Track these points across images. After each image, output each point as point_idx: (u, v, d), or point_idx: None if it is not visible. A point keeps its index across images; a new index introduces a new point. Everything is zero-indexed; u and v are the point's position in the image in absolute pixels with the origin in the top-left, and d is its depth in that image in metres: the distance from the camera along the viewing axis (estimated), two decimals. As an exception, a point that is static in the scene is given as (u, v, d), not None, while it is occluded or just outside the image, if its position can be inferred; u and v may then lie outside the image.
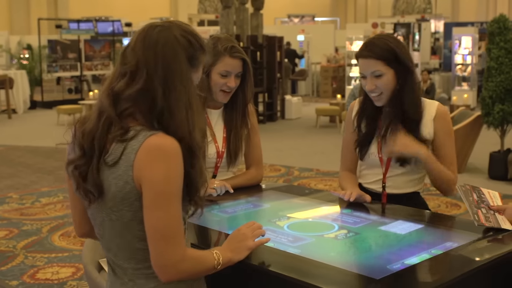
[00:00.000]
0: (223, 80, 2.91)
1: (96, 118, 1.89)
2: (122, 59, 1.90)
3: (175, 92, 1.84)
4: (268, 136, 12.00)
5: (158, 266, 1.84)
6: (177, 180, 1.81)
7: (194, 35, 1.93)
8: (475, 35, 15.75)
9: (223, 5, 14.46)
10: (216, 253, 1.96)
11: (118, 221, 1.89)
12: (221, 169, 3.04)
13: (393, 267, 2.03)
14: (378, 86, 2.76)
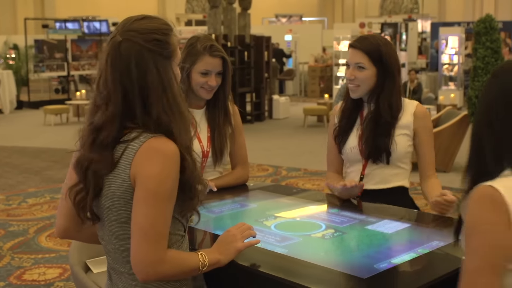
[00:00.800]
0: (203, 79, 2.92)
1: (85, 149, 1.90)
2: (96, 90, 1.90)
3: (155, 104, 1.84)
4: (256, 136, 12.00)
5: (135, 264, 1.84)
6: (170, 182, 1.82)
7: (156, 29, 1.90)
8: (461, 35, 15.82)
9: (210, 5, 14.45)
10: (202, 255, 1.96)
11: (116, 221, 1.90)
12: (207, 168, 3.05)
13: (380, 266, 2.04)
14: (357, 77, 2.86)
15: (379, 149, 2.87)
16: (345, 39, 16.21)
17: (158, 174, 1.80)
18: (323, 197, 3.05)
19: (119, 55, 1.85)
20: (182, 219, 1.96)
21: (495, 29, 9.75)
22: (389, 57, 2.85)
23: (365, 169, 2.95)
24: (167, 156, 1.81)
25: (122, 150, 1.85)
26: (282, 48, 21.30)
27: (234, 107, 3.15)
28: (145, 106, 1.85)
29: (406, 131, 2.89)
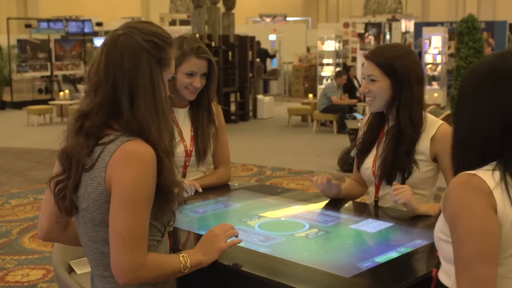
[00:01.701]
0: (188, 80, 2.92)
1: (69, 138, 1.92)
2: (87, 79, 1.93)
3: (140, 101, 1.86)
4: (240, 136, 12.00)
5: (115, 268, 1.84)
6: (146, 187, 1.82)
7: (158, 34, 1.93)
8: (444, 34, 15.90)
9: (194, 5, 14.41)
10: (184, 257, 1.96)
11: (90, 222, 1.91)
12: (190, 168, 3.04)
13: (363, 265, 2.05)
14: (371, 90, 2.75)
15: (394, 169, 2.74)
16: (329, 39, 16.25)
17: (133, 179, 1.80)
18: (307, 197, 3.06)
19: (115, 46, 1.88)
20: (158, 224, 1.95)
21: (478, 29, 9.81)
22: (404, 67, 2.70)
23: (378, 191, 2.84)
24: (143, 160, 1.81)
25: (99, 153, 1.86)
26: (266, 48, 21.30)
27: (217, 106, 3.15)
28: (132, 102, 1.86)
29: (422, 157, 2.73)
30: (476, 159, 1.70)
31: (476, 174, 1.64)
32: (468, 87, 1.74)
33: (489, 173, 1.65)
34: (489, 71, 1.71)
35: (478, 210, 1.61)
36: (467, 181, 1.63)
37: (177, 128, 3.02)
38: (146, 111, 1.85)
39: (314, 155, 10.11)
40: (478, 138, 1.69)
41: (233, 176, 3.25)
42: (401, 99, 2.72)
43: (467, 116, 1.73)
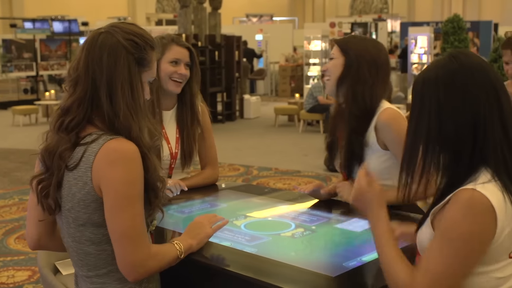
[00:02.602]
0: (173, 68, 2.93)
1: (51, 136, 1.93)
2: (67, 75, 1.94)
3: (118, 98, 1.86)
4: (227, 136, 12.00)
5: (126, 266, 1.86)
6: (137, 183, 1.84)
7: (139, 35, 1.94)
8: (430, 34, 15.95)
9: (181, 4, 14.39)
10: (177, 243, 2.01)
11: (74, 223, 1.91)
12: (175, 169, 3.04)
13: (349, 264, 2.05)
14: (328, 68, 2.80)
15: (352, 160, 2.75)
16: (316, 39, 16.25)
17: (124, 177, 1.81)
18: (293, 197, 3.06)
19: (95, 43, 1.89)
20: (147, 220, 1.96)
21: (463, 29, 9.88)
22: (358, 47, 2.72)
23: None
24: (129, 157, 1.83)
25: (82, 152, 1.86)
26: (253, 48, 21.30)
27: (203, 106, 3.14)
28: (111, 99, 1.86)
29: (374, 147, 2.71)
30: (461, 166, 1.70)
31: (477, 189, 1.63)
32: (425, 96, 1.73)
33: (489, 185, 1.65)
34: (446, 77, 1.70)
35: (473, 238, 1.62)
36: (470, 199, 1.62)
37: (162, 130, 3.02)
38: (125, 108, 1.86)
39: (300, 155, 10.13)
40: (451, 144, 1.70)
41: (220, 176, 3.25)
42: (348, 75, 2.72)
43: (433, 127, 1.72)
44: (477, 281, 1.71)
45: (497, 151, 1.67)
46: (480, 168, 1.68)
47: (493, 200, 1.62)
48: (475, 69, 1.70)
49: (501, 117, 1.68)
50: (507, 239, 1.66)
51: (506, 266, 1.71)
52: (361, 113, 2.72)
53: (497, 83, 1.70)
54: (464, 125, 1.67)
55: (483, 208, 1.62)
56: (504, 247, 1.68)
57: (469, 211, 1.62)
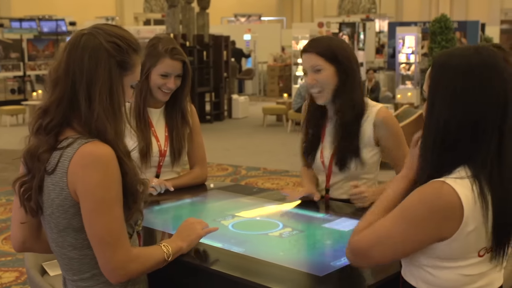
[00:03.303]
0: (162, 81, 2.92)
1: (31, 138, 1.91)
2: (48, 76, 1.92)
3: (97, 101, 1.84)
4: (215, 136, 11.99)
5: (107, 271, 1.86)
6: (114, 186, 1.82)
7: (122, 37, 1.91)
8: (418, 34, 16.01)
9: (168, 4, 14.38)
10: (165, 246, 2.00)
11: (56, 228, 1.90)
12: (165, 168, 3.04)
13: (337, 263, 2.06)
14: (318, 81, 2.73)
15: (347, 155, 2.78)
16: (304, 39, 16.29)
17: (100, 181, 1.79)
18: (281, 196, 3.06)
19: (77, 45, 1.87)
20: (127, 226, 1.93)
21: (450, 29, 9.92)
22: (344, 52, 2.73)
23: (329, 181, 2.89)
24: (104, 161, 1.80)
25: (58, 157, 1.84)
26: (241, 48, 21.30)
27: (191, 106, 3.15)
28: (90, 102, 1.84)
29: (367, 142, 2.78)
30: (444, 157, 1.72)
31: (450, 184, 1.67)
32: (441, 81, 1.74)
33: (462, 181, 1.67)
34: (465, 67, 1.70)
35: (424, 223, 1.68)
36: (434, 193, 1.67)
37: (151, 129, 3.02)
38: (101, 111, 1.84)
39: (289, 155, 10.13)
40: (448, 135, 1.71)
41: (208, 176, 3.25)
42: (345, 85, 2.74)
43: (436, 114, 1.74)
44: (446, 276, 1.75)
45: (486, 155, 1.68)
46: (461, 165, 1.70)
47: (461, 194, 1.65)
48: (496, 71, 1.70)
49: (503, 124, 1.68)
50: (474, 236, 1.69)
51: (475, 264, 1.73)
52: (357, 116, 2.78)
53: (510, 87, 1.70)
54: (466, 122, 1.68)
55: (447, 202, 1.65)
56: (471, 244, 1.70)
57: (431, 200, 1.67)
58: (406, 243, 1.72)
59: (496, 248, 1.74)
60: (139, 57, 1.96)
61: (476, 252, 1.72)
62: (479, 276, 1.76)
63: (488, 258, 1.75)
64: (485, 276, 1.77)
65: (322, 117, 2.89)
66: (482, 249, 1.73)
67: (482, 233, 1.69)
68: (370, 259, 1.78)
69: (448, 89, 1.71)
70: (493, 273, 1.79)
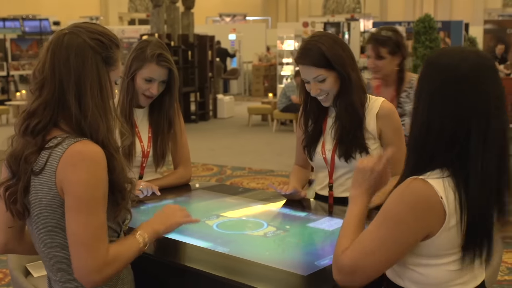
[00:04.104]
0: (146, 86, 2.90)
1: (17, 140, 1.90)
2: (32, 78, 1.90)
3: (87, 98, 1.84)
4: (201, 136, 11.98)
5: (80, 274, 1.82)
6: (99, 186, 1.81)
7: (104, 34, 1.92)
8: (402, 34, 16.08)
9: (153, 4, 14.34)
10: (140, 234, 1.96)
11: (44, 228, 1.89)
12: (148, 169, 3.03)
13: (321, 263, 2.07)
14: (323, 90, 2.73)
15: (351, 145, 2.77)
16: (289, 38, 16.31)
17: (85, 180, 1.78)
18: (266, 196, 3.07)
19: (61, 44, 1.86)
20: (113, 224, 1.94)
21: (434, 29, 9.97)
22: (333, 56, 2.68)
23: (331, 177, 2.87)
24: (92, 160, 1.80)
25: (46, 157, 1.83)
26: (226, 48, 21.29)
27: (177, 106, 3.13)
28: (80, 101, 1.84)
29: (370, 135, 2.77)
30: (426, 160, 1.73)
31: (425, 179, 1.68)
32: (429, 85, 1.74)
33: (440, 180, 1.68)
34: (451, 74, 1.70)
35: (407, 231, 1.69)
36: (413, 191, 1.68)
37: (135, 129, 3.01)
38: (94, 109, 1.84)
39: (274, 154, 10.15)
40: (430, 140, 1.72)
41: (193, 176, 3.25)
42: (345, 85, 2.73)
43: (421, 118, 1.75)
44: (433, 273, 1.76)
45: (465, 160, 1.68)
46: (440, 167, 1.71)
47: (439, 190, 1.66)
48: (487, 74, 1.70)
49: (486, 130, 1.68)
50: (455, 231, 1.70)
51: (460, 259, 1.74)
52: (359, 117, 2.77)
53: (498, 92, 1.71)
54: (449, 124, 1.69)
55: (426, 198, 1.66)
56: (454, 239, 1.71)
57: (408, 198, 1.68)
58: (393, 247, 1.71)
59: (468, 247, 1.74)
60: (120, 52, 1.97)
61: (460, 247, 1.73)
62: (465, 270, 1.77)
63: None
64: (469, 270, 1.79)
65: (323, 110, 2.87)
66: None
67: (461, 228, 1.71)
68: (361, 274, 1.74)
69: (432, 88, 1.72)
70: (476, 267, 1.81)
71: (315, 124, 2.90)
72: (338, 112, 2.79)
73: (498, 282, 4.50)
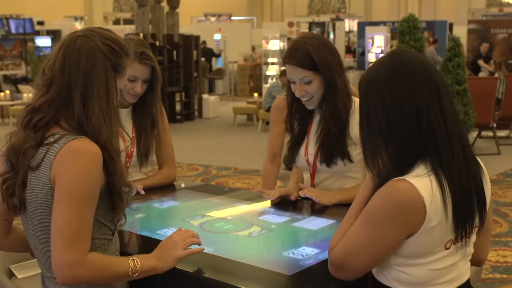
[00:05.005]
0: (130, 85, 2.89)
1: (19, 132, 1.91)
2: (41, 74, 1.93)
3: (93, 101, 1.87)
4: (186, 136, 11.96)
5: (54, 266, 1.83)
6: (90, 184, 1.81)
7: (116, 41, 1.95)
8: (387, 34, 16.14)
9: (138, 4, 14.30)
10: (134, 260, 1.93)
11: (40, 225, 1.90)
12: (132, 168, 3.02)
13: (305, 262, 2.07)
14: (308, 92, 2.73)
15: (333, 153, 2.77)
16: (274, 38, 16.30)
17: (77, 175, 1.79)
18: (252, 196, 3.07)
19: (73, 46, 1.90)
20: (109, 222, 1.95)
21: (418, 29, 10.02)
22: (323, 61, 2.68)
23: (313, 178, 2.89)
24: (88, 157, 1.81)
25: (44, 153, 1.85)
26: (211, 48, 21.27)
27: (161, 106, 3.13)
28: (85, 102, 1.87)
29: (354, 141, 2.76)
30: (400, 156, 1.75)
31: (409, 181, 1.71)
32: (370, 94, 1.80)
33: (422, 179, 1.71)
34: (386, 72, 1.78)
35: (390, 231, 1.73)
36: (395, 192, 1.71)
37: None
38: (99, 111, 1.87)
39: (259, 154, 10.13)
40: (396, 134, 1.76)
41: (178, 176, 3.24)
42: (331, 88, 2.73)
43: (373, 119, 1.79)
44: (417, 273, 1.79)
45: (438, 145, 1.72)
46: (418, 161, 1.74)
47: (422, 191, 1.69)
48: (415, 65, 1.77)
49: (442, 111, 1.75)
50: (438, 231, 1.73)
51: (444, 257, 1.77)
52: (344, 123, 2.77)
53: (437, 78, 1.78)
54: (409, 117, 1.73)
55: (408, 199, 1.69)
56: (436, 239, 1.74)
57: (392, 198, 1.71)
58: (377, 246, 1.75)
59: (461, 238, 1.78)
60: (129, 61, 2.00)
61: (443, 245, 1.76)
62: (449, 269, 1.80)
63: (455, 250, 1.79)
64: (454, 268, 1.81)
65: (308, 112, 2.88)
66: (448, 241, 1.76)
67: (446, 226, 1.73)
68: (348, 270, 1.82)
69: (378, 96, 1.77)
70: (461, 265, 1.83)
71: (300, 126, 2.91)
72: (322, 117, 2.80)
73: (482, 280, 4.53)
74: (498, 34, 17.05)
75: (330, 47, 2.78)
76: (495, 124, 9.87)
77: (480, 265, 2.10)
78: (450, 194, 1.72)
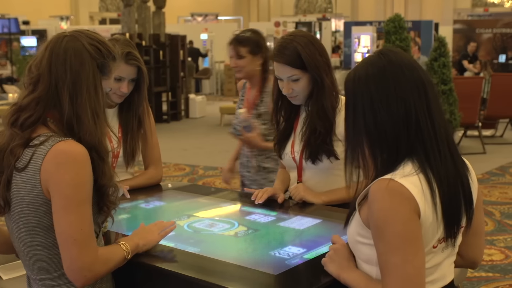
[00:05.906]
0: (116, 85, 2.88)
1: (5, 131, 1.91)
2: (28, 72, 1.93)
3: (83, 100, 1.87)
4: (173, 136, 11.94)
5: (72, 271, 1.84)
6: (86, 185, 1.83)
7: (103, 43, 1.96)
8: (373, 34, 16.20)
9: (124, 3, 14.26)
10: (123, 244, 2.00)
11: (25, 227, 1.90)
12: (119, 169, 3.01)
13: (291, 262, 2.07)
14: (295, 90, 2.74)
15: (318, 150, 2.77)
16: (261, 38, 16.31)
17: (73, 181, 1.80)
18: (238, 196, 3.07)
19: (60, 44, 1.90)
20: (94, 225, 1.95)
21: (404, 28, 10.05)
22: (311, 60, 2.69)
23: (300, 176, 2.88)
24: (77, 160, 1.82)
25: (30, 155, 1.85)
26: (198, 47, 21.25)
27: (147, 106, 3.12)
28: (73, 101, 1.86)
29: (340, 138, 2.73)
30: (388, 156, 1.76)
31: (393, 179, 1.69)
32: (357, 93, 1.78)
33: (410, 178, 1.70)
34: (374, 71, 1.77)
35: (403, 216, 1.66)
36: (388, 187, 1.68)
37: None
38: (89, 110, 1.87)
39: (246, 154, 10.14)
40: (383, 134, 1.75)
41: (165, 176, 3.24)
42: (317, 87, 2.74)
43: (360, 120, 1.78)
44: None
45: (426, 145, 1.73)
46: (405, 160, 1.74)
47: (410, 189, 1.67)
48: (403, 65, 1.77)
49: (429, 111, 1.74)
50: (429, 230, 1.72)
51: (432, 257, 1.77)
52: (330, 122, 2.76)
53: (424, 78, 1.77)
54: (398, 117, 1.73)
55: (402, 198, 1.67)
56: (427, 238, 1.73)
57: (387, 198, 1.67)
58: (419, 252, 1.68)
59: (448, 238, 1.78)
60: (114, 65, 2.01)
61: (432, 245, 1.75)
62: (434, 268, 1.79)
63: (440, 249, 1.79)
64: (438, 268, 1.81)
65: (294, 109, 2.88)
66: (435, 241, 1.76)
67: (435, 225, 1.73)
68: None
69: (366, 96, 1.76)
70: (445, 266, 1.83)
71: (286, 123, 2.91)
72: (308, 115, 2.80)
73: (468, 279, 4.56)
74: (483, 34, 17.17)
75: (318, 45, 2.78)
76: (480, 124, 9.93)
77: (475, 267, 2.09)
78: (439, 194, 1.72)
